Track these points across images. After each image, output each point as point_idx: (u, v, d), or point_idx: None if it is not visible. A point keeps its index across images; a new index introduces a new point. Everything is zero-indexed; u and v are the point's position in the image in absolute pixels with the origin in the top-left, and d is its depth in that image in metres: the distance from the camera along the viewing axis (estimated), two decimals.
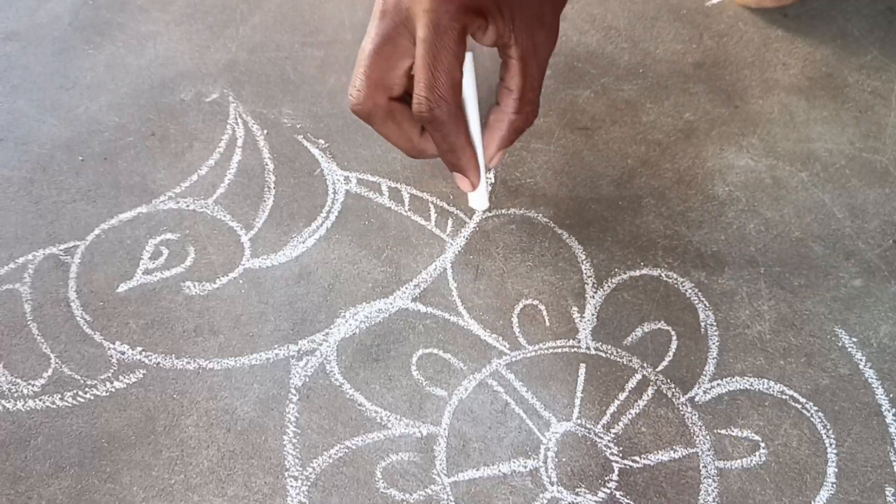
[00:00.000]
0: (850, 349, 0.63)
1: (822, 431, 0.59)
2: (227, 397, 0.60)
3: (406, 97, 0.55)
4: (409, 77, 0.54)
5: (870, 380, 0.61)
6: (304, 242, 0.69)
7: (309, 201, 0.71)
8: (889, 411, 0.60)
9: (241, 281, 0.66)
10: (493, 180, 0.73)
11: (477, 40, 0.54)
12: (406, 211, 0.71)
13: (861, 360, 0.62)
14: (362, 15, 0.87)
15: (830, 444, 0.58)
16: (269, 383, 0.61)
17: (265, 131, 0.77)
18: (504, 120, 0.58)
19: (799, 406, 0.60)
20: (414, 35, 0.50)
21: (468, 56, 0.54)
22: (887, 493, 0.56)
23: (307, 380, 0.61)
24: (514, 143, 0.60)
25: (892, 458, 0.57)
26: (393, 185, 0.72)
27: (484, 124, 0.60)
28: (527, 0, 0.53)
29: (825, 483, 0.57)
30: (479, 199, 0.66)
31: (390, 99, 0.54)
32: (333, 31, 0.86)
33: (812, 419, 0.59)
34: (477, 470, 0.57)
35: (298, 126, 0.77)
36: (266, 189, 0.72)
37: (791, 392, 0.61)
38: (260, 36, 0.86)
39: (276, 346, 0.63)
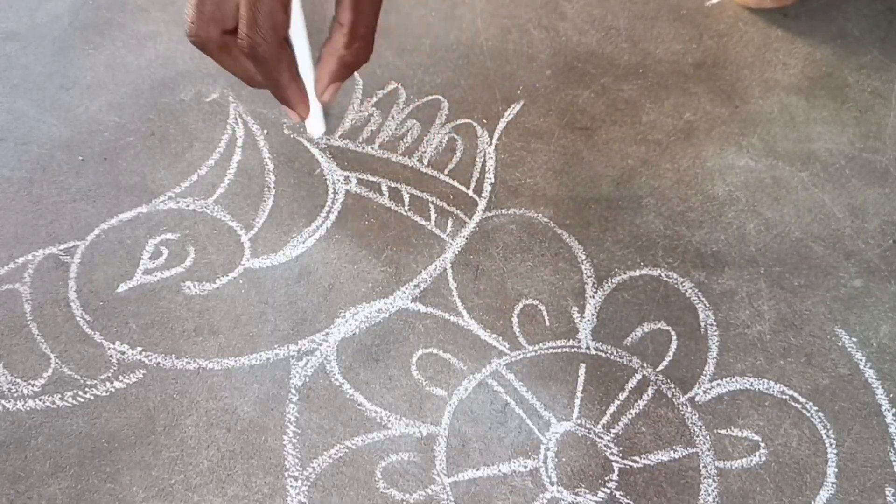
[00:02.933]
0: (850, 349, 0.63)
1: (822, 431, 0.59)
2: (227, 397, 0.60)
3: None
4: None
5: (870, 380, 0.61)
6: (304, 242, 0.69)
7: (309, 201, 0.71)
8: (889, 411, 0.60)
9: (241, 281, 0.66)
10: (332, 108, 0.74)
11: None
12: (406, 211, 0.71)
13: (861, 360, 0.62)
14: None
15: (830, 444, 0.58)
16: (270, 383, 0.61)
17: (265, 131, 0.76)
18: (335, 55, 0.58)
19: (799, 406, 0.60)
20: None
21: (297, 4, 0.55)
22: (887, 493, 0.56)
23: (307, 380, 0.61)
24: (346, 78, 0.61)
25: (893, 458, 0.57)
26: (393, 185, 0.72)
27: (317, 57, 0.61)
28: None
29: (825, 483, 0.57)
30: (313, 125, 0.69)
31: (224, 32, 0.55)
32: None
33: (812, 419, 0.59)
34: (477, 470, 0.57)
35: (298, 126, 0.77)
36: (266, 189, 0.72)
37: (791, 392, 0.61)
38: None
39: (276, 346, 0.63)
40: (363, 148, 0.75)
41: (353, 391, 0.61)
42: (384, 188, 0.72)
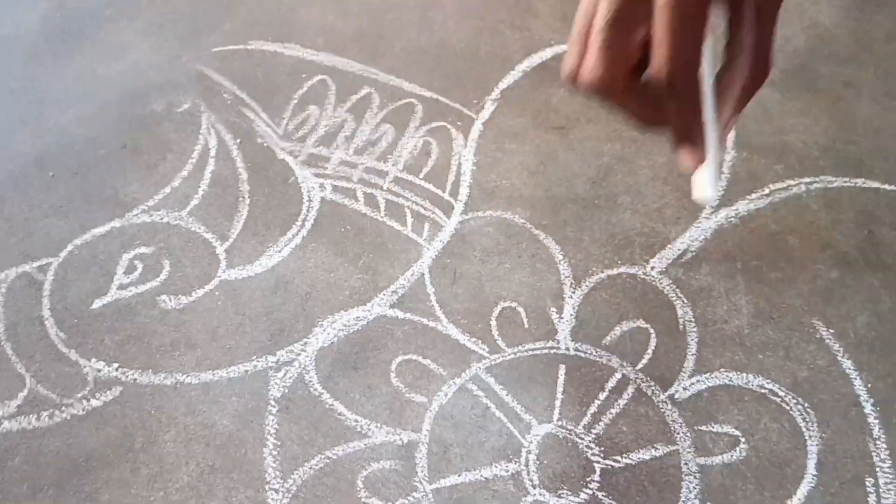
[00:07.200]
0: (828, 341, 0.63)
1: (802, 424, 0.59)
2: (206, 411, 0.60)
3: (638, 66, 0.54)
4: (644, 44, 0.53)
5: (848, 371, 0.61)
6: (280, 252, 0.68)
7: (284, 210, 0.71)
8: (867, 402, 0.60)
9: (217, 293, 0.66)
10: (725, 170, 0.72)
11: None
12: (382, 216, 0.70)
13: (839, 350, 0.62)
14: (333, 20, 0.87)
15: (810, 437, 0.58)
16: (248, 396, 0.61)
17: (238, 140, 0.76)
18: (738, 81, 0.56)
19: (778, 399, 0.60)
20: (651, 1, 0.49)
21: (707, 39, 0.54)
22: (867, 483, 0.56)
23: (286, 391, 0.61)
24: (746, 105, 0.59)
25: (872, 449, 0.58)
26: (368, 190, 0.72)
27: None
28: None
29: (806, 476, 0.57)
30: (706, 186, 0.66)
31: (628, 70, 0.53)
32: (305, 37, 0.85)
33: (791, 412, 0.59)
34: (458, 476, 0.57)
35: (272, 134, 0.76)
36: (240, 199, 0.72)
37: (770, 386, 0.61)
38: (231, 44, 0.85)
39: (254, 357, 0.62)
40: (337, 154, 0.75)
41: (332, 400, 0.60)
42: (359, 194, 0.72)
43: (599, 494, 0.56)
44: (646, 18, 0.51)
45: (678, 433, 0.59)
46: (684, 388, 0.61)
